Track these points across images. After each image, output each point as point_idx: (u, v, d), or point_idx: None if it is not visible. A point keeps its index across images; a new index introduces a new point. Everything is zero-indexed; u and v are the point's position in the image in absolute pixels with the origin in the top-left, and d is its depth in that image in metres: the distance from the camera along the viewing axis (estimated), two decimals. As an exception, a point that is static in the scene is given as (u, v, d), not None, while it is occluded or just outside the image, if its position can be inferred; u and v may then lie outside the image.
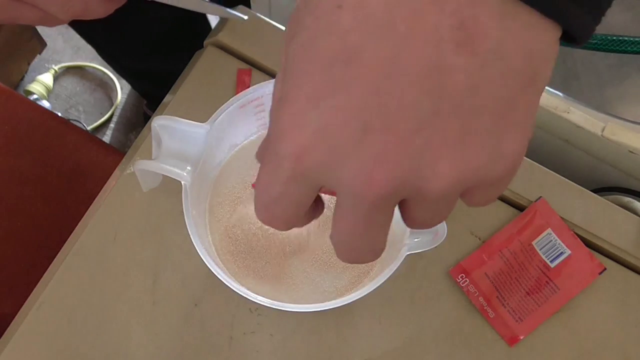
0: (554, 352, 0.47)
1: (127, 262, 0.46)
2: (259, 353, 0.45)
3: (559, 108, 0.56)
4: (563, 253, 0.48)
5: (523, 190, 0.51)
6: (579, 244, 0.49)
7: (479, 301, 0.47)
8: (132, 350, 0.44)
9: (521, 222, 0.49)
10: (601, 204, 0.51)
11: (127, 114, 1.28)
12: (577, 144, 0.58)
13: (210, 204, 0.42)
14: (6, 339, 0.44)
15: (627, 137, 0.55)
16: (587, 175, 0.61)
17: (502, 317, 0.46)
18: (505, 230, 0.49)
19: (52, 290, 0.45)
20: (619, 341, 0.48)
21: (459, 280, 0.47)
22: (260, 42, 0.53)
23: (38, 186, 0.70)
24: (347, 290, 0.40)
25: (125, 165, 0.49)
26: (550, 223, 0.49)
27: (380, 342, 0.46)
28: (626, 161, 0.56)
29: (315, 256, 0.41)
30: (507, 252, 0.48)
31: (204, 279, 0.46)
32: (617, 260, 0.50)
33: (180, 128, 0.37)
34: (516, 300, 0.47)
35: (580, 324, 0.48)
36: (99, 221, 0.47)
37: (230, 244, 0.41)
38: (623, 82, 0.87)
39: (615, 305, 0.48)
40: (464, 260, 0.48)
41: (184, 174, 0.36)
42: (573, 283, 0.48)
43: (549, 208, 0.49)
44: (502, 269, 0.47)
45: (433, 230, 0.36)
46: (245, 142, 0.44)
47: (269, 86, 0.40)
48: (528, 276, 0.47)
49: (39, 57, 1.27)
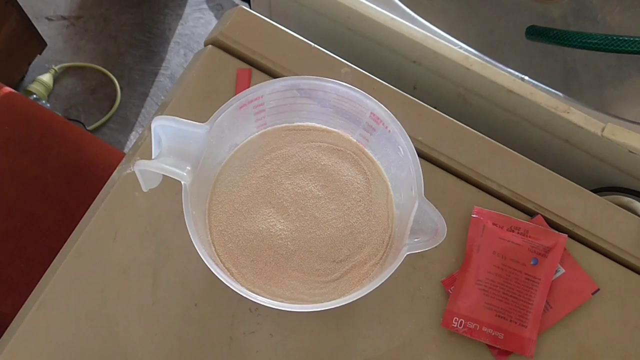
0: (554, 352, 0.47)
1: (127, 262, 0.46)
2: (258, 353, 0.45)
3: (559, 108, 0.56)
4: (557, 271, 0.48)
5: (523, 190, 0.51)
6: (574, 263, 0.49)
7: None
8: (132, 350, 0.44)
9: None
10: (601, 204, 0.51)
11: (127, 114, 1.28)
12: (577, 144, 0.58)
13: (210, 204, 0.42)
14: (6, 339, 0.44)
15: (627, 137, 0.55)
16: (587, 175, 0.61)
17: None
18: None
19: (52, 290, 0.45)
20: (619, 341, 0.48)
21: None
22: (260, 43, 0.53)
23: (38, 186, 0.70)
24: (347, 290, 0.40)
25: (125, 165, 0.49)
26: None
27: (380, 342, 0.46)
28: (626, 161, 0.56)
29: (315, 256, 0.41)
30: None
31: (204, 279, 0.46)
32: (617, 260, 0.50)
33: (180, 128, 0.37)
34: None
35: (580, 324, 0.48)
36: (99, 221, 0.47)
37: (230, 244, 0.41)
38: (623, 82, 0.87)
39: (615, 305, 0.48)
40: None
41: (184, 174, 0.36)
42: (566, 301, 0.47)
43: (545, 225, 0.49)
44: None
45: (433, 230, 0.36)
46: (245, 142, 0.44)
47: (269, 86, 0.40)
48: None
49: (39, 57, 1.27)
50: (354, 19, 0.60)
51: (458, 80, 0.60)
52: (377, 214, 0.42)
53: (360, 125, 0.43)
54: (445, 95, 0.63)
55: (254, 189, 0.42)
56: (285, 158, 0.43)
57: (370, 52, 0.63)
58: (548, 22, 0.91)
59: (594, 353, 0.47)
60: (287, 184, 0.42)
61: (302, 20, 0.66)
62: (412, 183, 0.38)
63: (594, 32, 0.62)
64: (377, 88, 0.53)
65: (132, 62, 1.33)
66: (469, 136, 0.52)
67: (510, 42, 0.90)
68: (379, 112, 0.40)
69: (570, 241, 0.50)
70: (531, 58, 0.89)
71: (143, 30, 1.36)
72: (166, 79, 1.32)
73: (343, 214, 0.42)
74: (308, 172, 0.43)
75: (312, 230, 0.41)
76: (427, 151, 0.51)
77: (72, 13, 1.35)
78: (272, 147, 0.44)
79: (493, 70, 0.58)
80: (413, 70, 0.62)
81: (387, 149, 0.42)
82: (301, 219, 0.41)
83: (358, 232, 0.41)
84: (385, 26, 0.59)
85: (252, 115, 0.42)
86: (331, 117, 0.44)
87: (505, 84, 0.57)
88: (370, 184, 0.43)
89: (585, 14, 0.89)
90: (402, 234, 0.38)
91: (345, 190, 0.42)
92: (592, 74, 0.88)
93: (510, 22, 0.92)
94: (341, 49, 0.56)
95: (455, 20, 0.93)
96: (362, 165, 0.44)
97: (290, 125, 0.45)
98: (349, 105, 0.41)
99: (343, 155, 0.44)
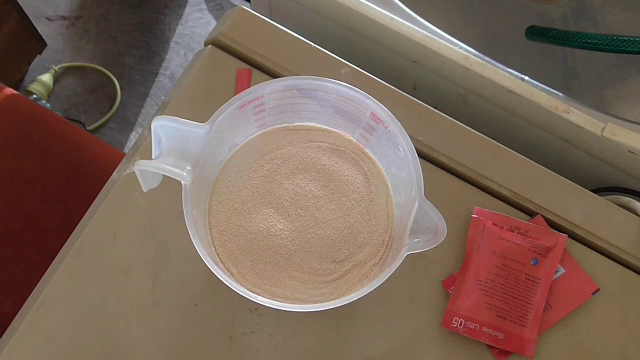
0: (554, 352, 0.47)
1: (127, 262, 0.46)
2: (258, 353, 0.45)
3: (559, 108, 0.56)
4: (557, 271, 0.48)
5: (523, 190, 0.51)
6: (574, 263, 0.49)
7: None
8: (132, 350, 0.44)
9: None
10: (601, 204, 0.51)
11: (127, 114, 1.28)
12: (577, 144, 0.58)
13: (210, 204, 0.42)
14: (6, 339, 0.44)
15: (627, 137, 0.55)
16: (587, 175, 0.61)
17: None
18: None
19: (52, 290, 0.45)
20: (619, 341, 0.48)
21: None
22: (260, 42, 0.53)
23: (38, 186, 0.70)
24: (347, 290, 0.40)
25: (125, 165, 0.49)
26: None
27: (380, 342, 0.46)
28: (626, 161, 0.56)
29: (315, 256, 0.41)
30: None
31: (204, 279, 0.46)
32: (617, 260, 0.50)
33: (180, 128, 0.37)
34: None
35: (580, 324, 0.48)
36: (99, 221, 0.47)
37: (230, 244, 0.41)
38: (623, 82, 0.87)
39: (615, 305, 0.48)
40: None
41: (184, 174, 0.36)
42: (566, 301, 0.47)
43: (545, 225, 0.49)
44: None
45: (433, 230, 0.36)
46: (245, 142, 0.44)
47: (269, 86, 0.40)
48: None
49: (39, 57, 1.27)
50: (354, 19, 0.60)
51: (458, 80, 0.60)
52: (377, 214, 0.42)
53: (360, 125, 0.43)
54: (445, 95, 0.63)
55: (254, 189, 0.42)
56: (285, 158, 0.43)
57: (370, 52, 0.63)
58: (548, 22, 0.91)
59: (594, 353, 0.47)
60: (287, 184, 0.42)
61: (302, 20, 0.66)
62: (412, 183, 0.38)
63: (594, 32, 0.62)
64: (377, 88, 0.53)
65: (132, 62, 1.33)
66: (469, 136, 0.52)
67: (510, 42, 0.90)
68: (379, 112, 0.40)
69: (570, 241, 0.50)
70: (531, 58, 0.89)
71: (143, 30, 1.36)
72: (166, 79, 1.32)
73: (343, 214, 0.42)
74: (308, 172, 0.43)
75: (312, 230, 0.41)
76: (427, 151, 0.51)
77: (72, 13, 1.35)
78: (272, 147, 0.44)
79: (493, 70, 0.58)
80: (413, 70, 0.62)
81: (387, 149, 0.42)
82: (301, 219, 0.41)
83: (358, 232, 0.41)
84: (385, 26, 0.59)
85: (252, 115, 0.42)
86: (331, 117, 0.44)
87: (505, 84, 0.57)
88: (370, 184, 0.43)
89: (585, 14, 0.89)
90: (402, 234, 0.38)
91: (345, 190, 0.42)
92: (592, 74, 0.88)
93: (510, 22, 0.92)
94: (341, 49, 0.56)
95: (455, 21, 0.93)
96: (362, 165, 0.44)
97: (290, 125, 0.45)
98: (349, 105, 0.41)
99: (343, 155, 0.44)
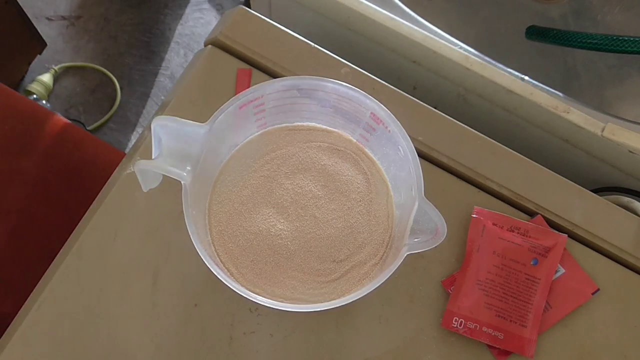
0: (554, 352, 0.47)
1: (127, 262, 0.46)
2: (258, 353, 0.45)
3: (559, 108, 0.56)
4: (557, 271, 0.48)
5: (523, 190, 0.51)
6: (574, 263, 0.49)
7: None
8: (132, 350, 0.44)
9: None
10: (601, 204, 0.51)
11: (127, 114, 1.28)
12: (577, 144, 0.58)
13: (210, 204, 0.42)
14: (6, 339, 0.44)
15: (627, 137, 0.55)
16: (587, 175, 0.61)
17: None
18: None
19: (52, 290, 0.45)
20: (619, 341, 0.48)
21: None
22: (260, 42, 0.53)
23: (38, 186, 0.70)
24: (347, 290, 0.40)
25: (125, 165, 0.49)
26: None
27: (380, 342, 0.46)
28: (626, 161, 0.56)
29: (315, 256, 0.41)
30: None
31: (204, 279, 0.46)
32: (617, 260, 0.50)
33: (180, 128, 0.37)
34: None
35: (580, 324, 0.48)
36: (99, 221, 0.47)
37: (230, 244, 0.41)
38: (623, 82, 0.87)
39: (615, 305, 0.48)
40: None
41: (183, 174, 0.36)
42: (566, 301, 0.47)
43: (545, 225, 0.49)
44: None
45: (433, 230, 0.36)
46: (245, 142, 0.44)
47: (269, 86, 0.40)
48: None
49: (39, 57, 1.27)
50: (354, 19, 0.60)
51: (458, 80, 0.60)
52: (377, 214, 0.42)
53: (360, 125, 0.43)
54: (445, 95, 0.63)
55: (254, 189, 0.42)
56: (285, 158, 0.43)
57: (370, 52, 0.63)
58: (548, 22, 0.91)
59: (594, 353, 0.47)
60: (287, 184, 0.42)
61: (302, 20, 0.66)
62: (412, 183, 0.38)
63: (594, 32, 0.62)
64: (377, 88, 0.53)
65: (132, 62, 1.33)
66: (469, 136, 0.52)
67: (510, 42, 0.90)
68: (379, 112, 0.40)
69: (570, 241, 0.50)
70: (531, 58, 0.89)
71: (143, 30, 1.36)
72: (166, 79, 1.33)
73: (343, 214, 0.42)
74: (308, 172, 0.43)
75: (312, 230, 0.41)
76: (427, 151, 0.51)
77: (72, 13, 1.35)
78: (272, 147, 0.44)
79: (493, 71, 0.58)
80: (413, 70, 0.62)
81: (387, 149, 0.42)
82: (301, 219, 0.41)
83: (358, 232, 0.41)
84: (385, 26, 0.59)
85: (252, 115, 0.42)
86: (331, 117, 0.44)
87: (505, 84, 0.57)
88: (370, 184, 0.43)
89: (585, 14, 0.89)
90: (402, 234, 0.38)
91: (345, 190, 0.42)
92: (592, 74, 0.88)
93: (510, 22, 0.92)
94: (341, 49, 0.56)
95: (455, 21, 0.93)
96: (362, 165, 0.44)
97: (290, 125, 0.45)
98: (349, 105, 0.41)
99: (343, 155, 0.44)
